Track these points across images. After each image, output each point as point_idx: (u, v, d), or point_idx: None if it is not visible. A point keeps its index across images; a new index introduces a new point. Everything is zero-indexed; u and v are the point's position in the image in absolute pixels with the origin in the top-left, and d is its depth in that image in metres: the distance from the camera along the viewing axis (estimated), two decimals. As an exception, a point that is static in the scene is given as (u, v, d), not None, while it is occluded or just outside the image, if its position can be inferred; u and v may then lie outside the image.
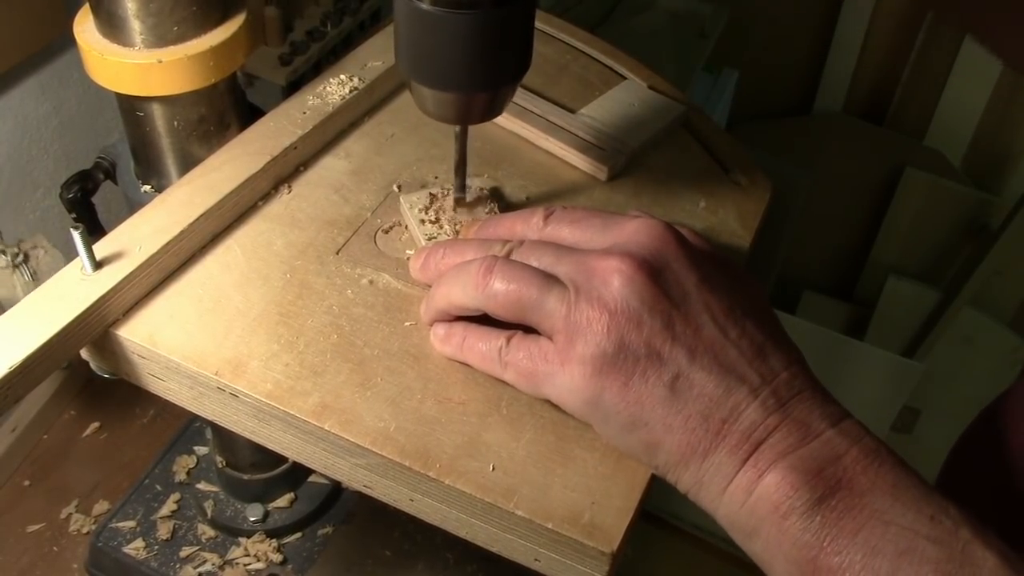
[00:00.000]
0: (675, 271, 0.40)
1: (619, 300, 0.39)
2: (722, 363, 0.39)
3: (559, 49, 0.68)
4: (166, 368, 0.45)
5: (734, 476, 0.39)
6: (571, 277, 0.41)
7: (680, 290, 0.40)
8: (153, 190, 0.54)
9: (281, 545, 0.75)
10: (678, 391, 0.39)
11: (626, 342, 0.39)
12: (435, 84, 0.44)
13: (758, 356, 0.40)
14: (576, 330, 0.39)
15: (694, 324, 0.40)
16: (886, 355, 1.44)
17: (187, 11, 0.48)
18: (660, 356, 0.39)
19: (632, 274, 0.39)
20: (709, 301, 0.40)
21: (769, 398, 0.39)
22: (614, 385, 0.39)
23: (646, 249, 0.41)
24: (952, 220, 1.72)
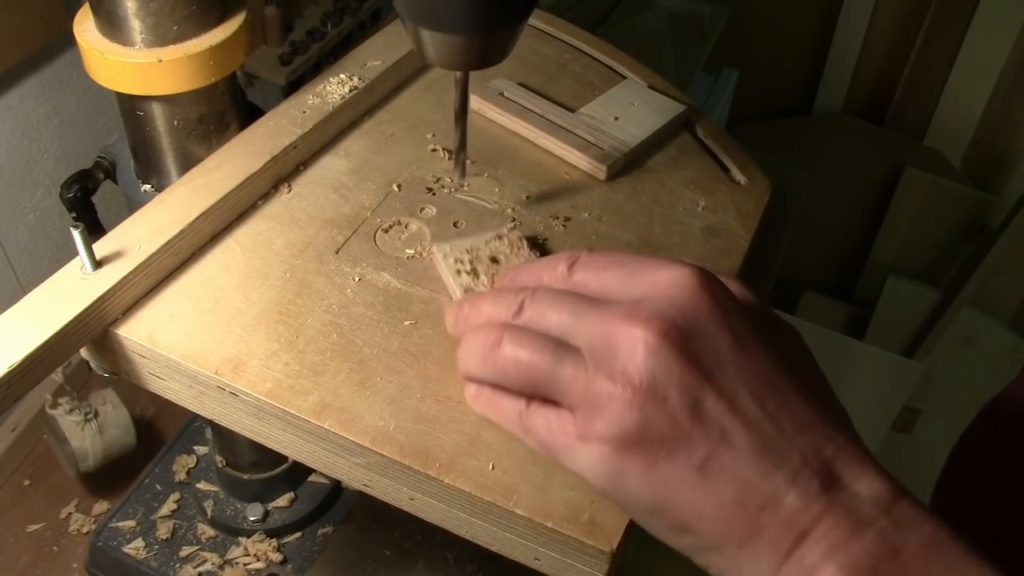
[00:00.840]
0: (708, 334, 0.35)
1: (643, 374, 0.34)
2: (759, 442, 0.34)
3: (559, 49, 0.68)
4: (166, 367, 0.45)
5: (777, 571, 0.34)
6: (590, 343, 0.36)
7: (713, 357, 0.35)
8: (153, 189, 0.54)
9: (281, 545, 0.75)
10: (709, 474, 0.34)
11: (650, 421, 0.34)
12: (435, 25, 0.43)
13: (799, 430, 0.35)
14: (595, 406, 0.35)
15: (728, 398, 0.35)
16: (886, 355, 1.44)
17: (187, 10, 0.48)
18: (689, 436, 0.34)
19: (658, 343, 0.34)
20: (746, 368, 0.35)
21: (812, 481, 0.34)
22: (637, 467, 0.35)
23: (676, 308, 0.35)
24: (952, 220, 1.72)
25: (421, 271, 0.50)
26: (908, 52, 1.73)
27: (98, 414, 0.79)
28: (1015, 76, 1.66)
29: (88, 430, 0.78)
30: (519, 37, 0.46)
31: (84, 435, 0.78)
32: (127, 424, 0.80)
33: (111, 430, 0.79)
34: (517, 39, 0.46)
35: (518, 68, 0.65)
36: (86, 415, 0.78)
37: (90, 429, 0.78)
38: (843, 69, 1.79)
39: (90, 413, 0.79)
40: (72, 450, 0.78)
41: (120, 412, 0.80)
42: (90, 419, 0.79)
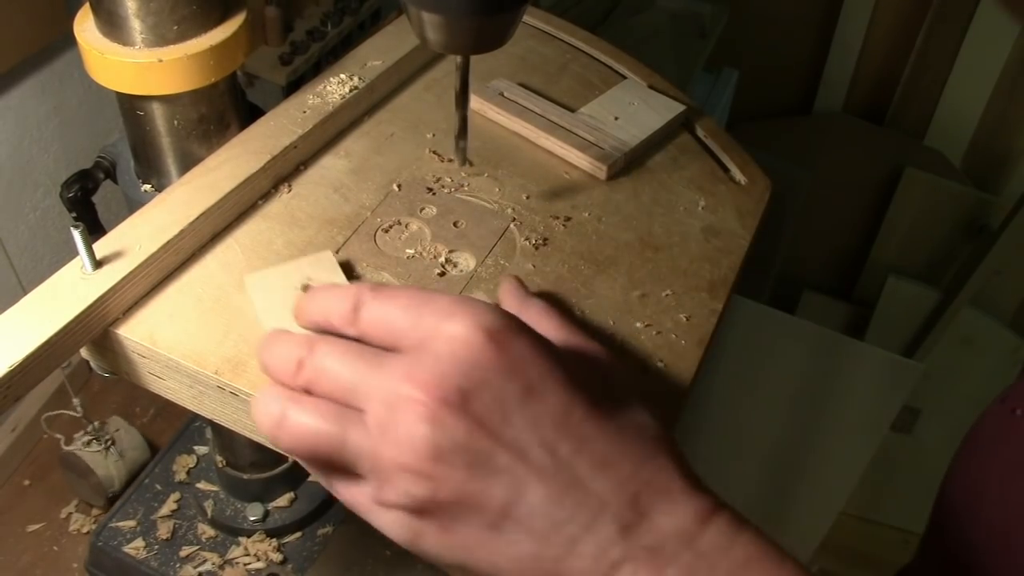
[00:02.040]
0: (492, 388, 0.34)
1: (426, 443, 0.33)
2: (551, 492, 0.33)
3: (559, 49, 0.68)
4: (166, 367, 0.45)
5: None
6: (373, 407, 0.34)
7: (500, 412, 0.34)
8: (153, 189, 0.54)
9: (281, 544, 0.75)
10: (503, 532, 0.34)
11: (438, 488, 0.33)
12: (436, 8, 0.42)
13: (596, 471, 0.34)
14: (383, 478, 0.34)
15: (517, 451, 0.33)
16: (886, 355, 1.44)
17: (187, 10, 0.48)
18: (479, 498, 0.33)
19: (438, 410, 0.33)
20: (537, 416, 0.34)
21: (609, 525, 0.33)
22: (432, 531, 0.35)
23: (456, 367, 0.34)
24: (952, 220, 1.72)
25: (421, 271, 0.50)
26: (908, 52, 1.73)
27: (115, 440, 0.81)
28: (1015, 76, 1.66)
29: (110, 457, 0.80)
30: (519, 21, 0.46)
31: (108, 463, 0.80)
32: (141, 444, 0.83)
33: (130, 452, 0.82)
34: (518, 23, 0.46)
35: (518, 68, 0.65)
36: (106, 443, 0.80)
37: (112, 456, 0.80)
38: (843, 69, 1.80)
39: (109, 440, 0.81)
40: (99, 480, 0.79)
41: (132, 434, 0.82)
42: (110, 446, 0.80)
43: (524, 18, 0.66)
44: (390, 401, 0.34)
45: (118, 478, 0.80)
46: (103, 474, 0.79)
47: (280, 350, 0.37)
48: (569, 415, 0.34)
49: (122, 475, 0.81)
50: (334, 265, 0.48)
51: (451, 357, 0.34)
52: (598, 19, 1.48)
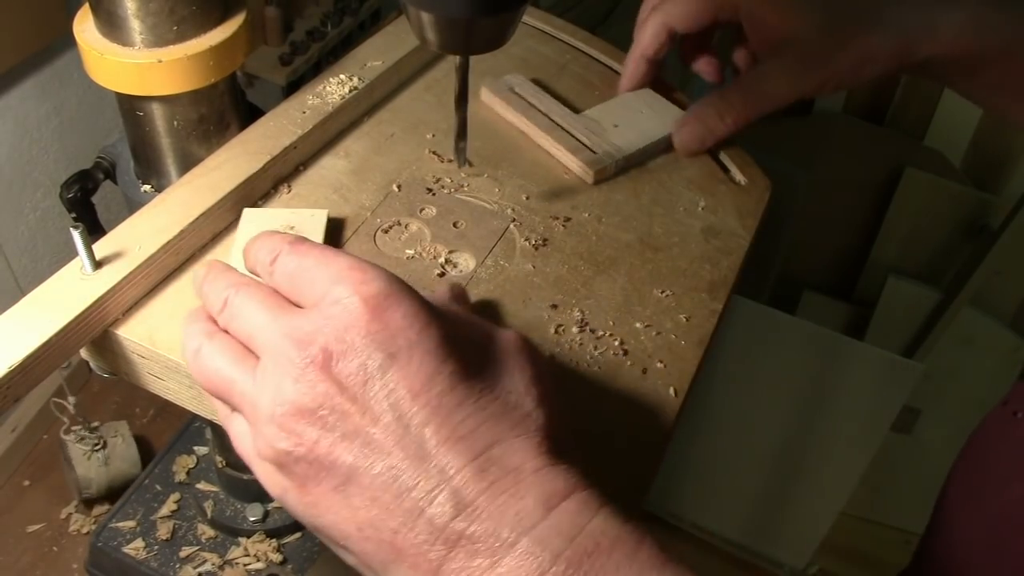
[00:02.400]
0: (359, 352, 0.34)
1: (290, 397, 0.34)
2: (397, 462, 0.33)
3: (559, 49, 0.68)
4: (166, 368, 0.45)
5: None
6: (262, 358, 0.36)
7: (361, 377, 0.34)
8: (153, 190, 0.54)
9: (281, 545, 0.75)
10: (349, 497, 0.34)
11: (297, 445, 0.34)
12: (435, 8, 0.43)
13: (448, 443, 0.33)
14: (256, 426, 0.36)
15: (371, 416, 0.34)
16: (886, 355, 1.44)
17: (187, 11, 0.48)
18: (331, 459, 0.34)
19: (305, 367, 0.34)
20: (395, 384, 0.34)
21: (448, 502, 0.33)
22: (293, 487, 0.36)
23: (330, 329, 0.35)
24: (952, 220, 1.72)
25: (421, 271, 0.50)
26: (908, 52, 1.73)
27: (107, 445, 0.80)
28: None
29: (94, 460, 0.80)
30: (519, 21, 0.46)
31: (90, 464, 0.80)
32: (134, 459, 0.82)
33: (117, 463, 0.81)
34: (518, 23, 0.46)
35: (518, 68, 0.65)
36: (94, 446, 0.80)
37: (96, 459, 0.80)
38: (843, 69, 1.79)
39: (98, 444, 0.80)
40: (76, 477, 0.79)
41: (129, 448, 0.82)
42: (98, 450, 0.80)
43: (524, 18, 0.66)
44: (272, 353, 0.36)
45: (96, 483, 0.80)
46: (81, 474, 0.79)
47: (215, 285, 0.40)
48: (429, 386, 0.34)
49: (102, 482, 0.80)
50: (320, 224, 0.49)
51: (328, 319, 0.35)
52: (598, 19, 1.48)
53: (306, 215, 0.50)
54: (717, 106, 0.58)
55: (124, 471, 0.81)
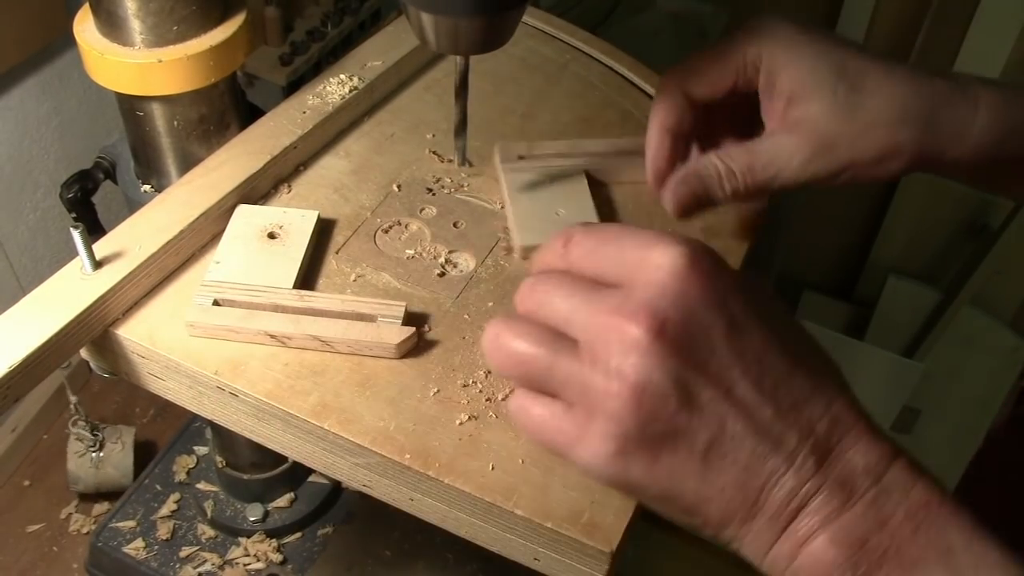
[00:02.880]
0: (700, 320, 0.35)
1: (639, 372, 0.34)
2: (756, 425, 0.35)
3: (559, 49, 0.68)
4: (165, 367, 0.45)
5: (774, 542, 0.36)
6: (585, 338, 0.36)
7: (707, 345, 0.35)
8: (153, 190, 0.54)
9: (281, 545, 0.75)
10: (710, 462, 0.35)
11: (649, 418, 0.35)
12: (435, 8, 0.43)
13: (794, 408, 0.36)
14: (594, 406, 0.35)
15: (724, 385, 0.35)
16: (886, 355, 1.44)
17: (187, 11, 0.48)
18: (688, 428, 0.35)
19: (650, 341, 0.34)
20: (740, 350, 0.35)
21: (808, 458, 0.35)
22: (640, 463, 0.35)
23: (667, 299, 0.35)
24: (952, 220, 1.72)
25: (421, 271, 0.50)
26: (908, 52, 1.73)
27: (103, 448, 0.80)
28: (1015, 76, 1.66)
29: (86, 459, 0.79)
30: (519, 21, 0.46)
31: (81, 462, 0.79)
32: (127, 470, 0.81)
33: (109, 469, 0.80)
34: (517, 23, 0.46)
35: (518, 68, 0.65)
36: (89, 446, 0.79)
37: (88, 459, 0.79)
38: (843, 69, 1.79)
39: (94, 446, 0.79)
40: (68, 471, 0.79)
41: (125, 458, 0.81)
42: (92, 450, 0.79)
43: (524, 18, 0.66)
44: (602, 332, 0.35)
45: (84, 481, 0.80)
46: (71, 469, 0.79)
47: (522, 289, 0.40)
48: (768, 352, 0.36)
49: (89, 482, 0.80)
50: (309, 225, 0.50)
51: (659, 288, 0.35)
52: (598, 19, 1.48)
53: (296, 215, 0.50)
54: (721, 170, 0.50)
55: (114, 478, 0.80)
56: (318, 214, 0.50)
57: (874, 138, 0.48)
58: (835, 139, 0.49)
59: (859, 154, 0.49)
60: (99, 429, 0.80)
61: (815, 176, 0.50)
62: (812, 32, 0.50)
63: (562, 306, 0.37)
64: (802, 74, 0.49)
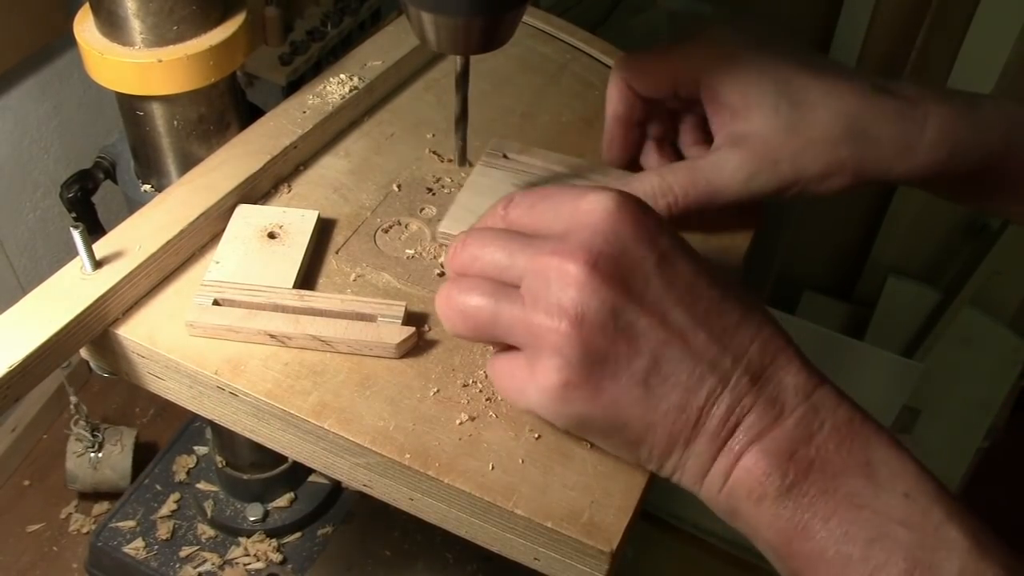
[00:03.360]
0: (632, 255, 0.37)
1: (577, 305, 0.36)
2: (692, 349, 0.37)
3: (559, 49, 0.68)
4: (165, 367, 0.45)
5: (712, 462, 0.38)
6: (526, 282, 0.38)
7: (641, 277, 0.37)
8: (153, 189, 0.54)
9: (281, 545, 0.75)
10: (652, 387, 0.37)
11: (591, 349, 0.36)
12: (435, 8, 0.43)
13: (726, 332, 0.38)
14: (538, 343, 0.37)
15: (659, 313, 0.37)
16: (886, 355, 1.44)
17: (187, 11, 0.48)
18: (627, 355, 0.37)
19: (587, 275, 0.36)
20: (672, 280, 0.38)
21: (742, 378, 0.38)
22: (585, 394, 0.37)
23: (600, 236, 0.37)
24: (952, 220, 1.72)
25: (421, 271, 0.50)
26: (908, 52, 1.73)
27: (102, 448, 0.80)
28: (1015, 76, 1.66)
29: (84, 459, 0.79)
30: (519, 21, 0.46)
31: (79, 462, 0.79)
32: (125, 472, 0.81)
33: (106, 471, 0.80)
34: (518, 23, 0.46)
35: (518, 68, 0.65)
36: (87, 447, 0.79)
37: (86, 459, 0.79)
38: (843, 69, 1.79)
39: (92, 446, 0.79)
40: (66, 469, 0.79)
41: (124, 460, 0.81)
42: (91, 450, 0.79)
43: (524, 18, 0.66)
44: (540, 272, 0.37)
45: (81, 480, 0.80)
46: (70, 468, 0.79)
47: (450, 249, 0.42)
48: (697, 282, 0.38)
49: (87, 483, 0.80)
50: (310, 225, 0.50)
51: (592, 229, 0.37)
52: (598, 19, 1.48)
53: (296, 215, 0.50)
54: (656, 185, 0.51)
55: (112, 480, 0.80)
56: (318, 214, 0.50)
57: (815, 154, 0.49)
58: (778, 155, 0.49)
59: (802, 170, 0.49)
60: (99, 430, 0.80)
61: (759, 192, 0.50)
62: (758, 46, 0.50)
63: (498, 255, 0.39)
64: (744, 89, 0.50)
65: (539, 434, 0.43)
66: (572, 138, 0.60)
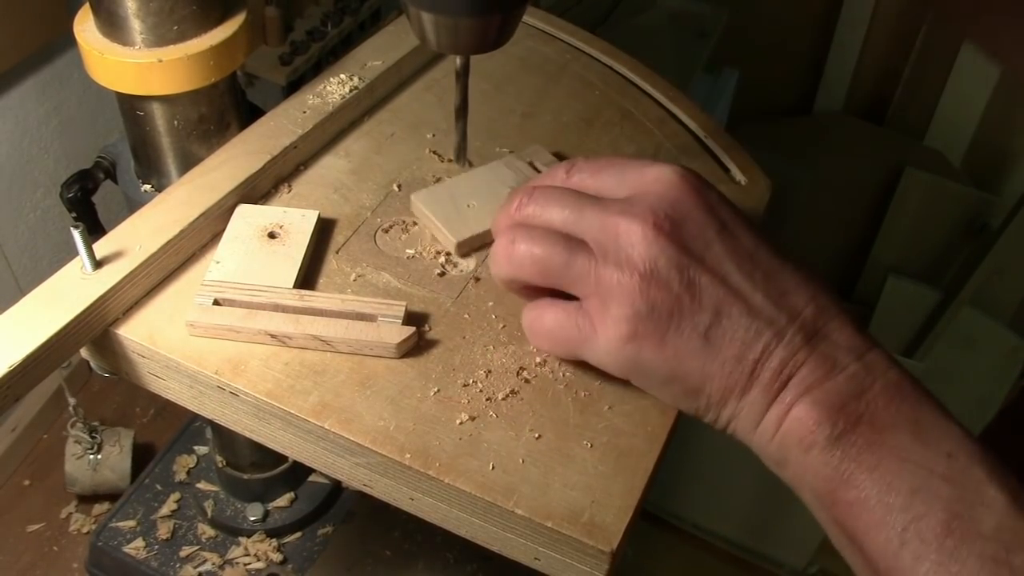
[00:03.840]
0: (695, 221, 0.41)
1: (646, 261, 0.39)
2: (750, 308, 0.40)
3: (559, 49, 0.68)
4: (166, 367, 0.45)
5: (766, 411, 0.40)
6: (595, 237, 0.41)
7: (703, 240, 0.40)
8: (153, 189, 0.54)
9: (281, 545, 0.75)
10: (712, 340, 0.40)
11: (657, 302, 0.39)
12: (435, 7, 0.43)
13: (782, 296, 0.40)
14: (608, 294, 0.40)
15: (720, 273, 0.40)
16: (886, 355, 1.44)
17: (187, 10, 0.48)
18: (691, 310, 0.40)
19: (655, 233, 0.39)
20: (732, 247, 0.41)
21: (796, 335, 0.40)
22: (650, 344, 0.40)
23: (666, 201, 0.40)
24: (952, 220, 1.72)
25: (421, 271, 0.50)
26: (908, 52, 1.73)
27: (101, 449, 0.80)
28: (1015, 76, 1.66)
29: (83, 462, 0.79)
30: (519, 21, 0.46)
31: (78, 464, 0.79)
32: (124, 473, 0.81)
33: (106, 472, 0.80)
34: (518, 23, 0.46)
35: (518, 68, 0.65)
36: (86, 449, 0.79)
37: (85, 461, 0.79)
38: (843, 69, 1.79)
39: (91, 448, 0.79)
40: (65, 472, 0.79)
41: (123, 461, 0.81)
42: (90, 452, 0.79)
43: (524, 18, 0.66)
44: (611, 229, 0.40)
45: (81, 483, 0.80)
46: (69, 471, 0.79)
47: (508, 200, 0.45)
48: (757, 251, 0.41)
49: (86, 483, 0.80)
50: (310, 224, 0.50)
51: (658, 195, 0.41)
52: (598, 19, 1.48)
53: (296, 215, 0.50)
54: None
55: (111, 481, 0.80)
56: (318, 214, 0.50)
57: None
58: None
59: None
60: (97, 431, 0.80)
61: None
62: None
63: (567, 211, 0.42)
64: None
65: (539, 434, 0.43)
66: (572, 138, 0.60)
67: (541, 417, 0.43)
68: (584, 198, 0.43)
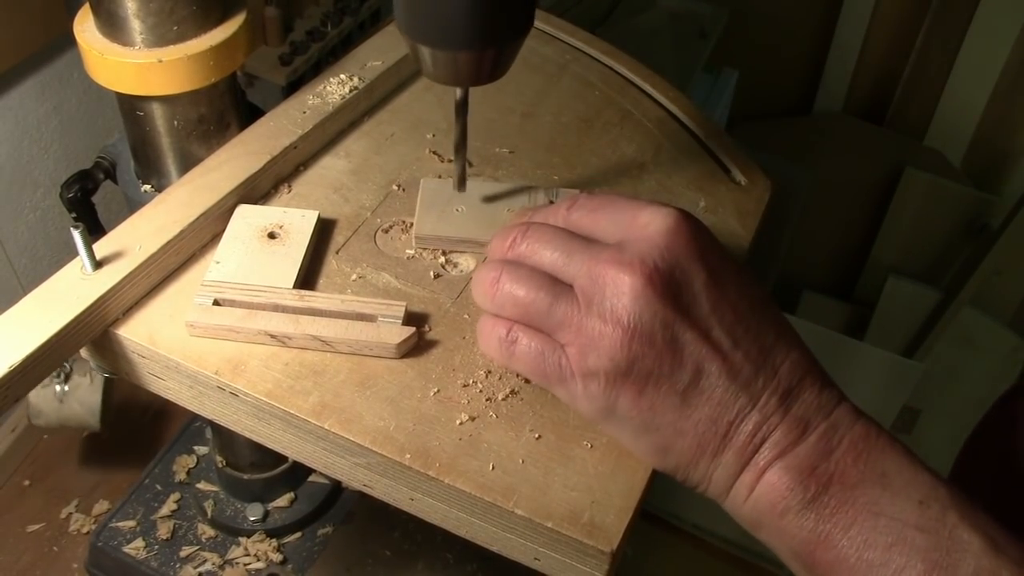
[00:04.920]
0: (685, 272, 0.40)
1: (631, 315, 0.39)
2: (730, 367, 0.40)
3: (559, 49, 0.68)
4: (166, 367, 0.45)
5: (738, 476, 0.40)
6: (581, 284, 0.40)
7: (690, 294, 0.40)
8: (153, 189, 0.54)
9: (281, 545, 0.75)
10: (688, 398, 0.40)
11: (639, 357, 0.39)
12: (433, 42, 0.43)
13: (761, 354, 0.40)
14: (589, 344, 0.40)
15: (703, 330, 0.40)
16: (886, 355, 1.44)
17: (187, 11, 0.48)
18: (671, 367, 0.39)
19: (642, 287, 0.39)
20: (718, 302, 0.40)
21: (772, 397, 0.40)
22: (627, 395, 0.40)
23: (656, 251, 0.40)
24: (952, 220, 1.72)
25: (421, 271, 0.50)
26: (908, 52, 1.73)
27: (68, 379, 0.74)
28: (1015, 76, 1.66)
29: (49, 391, 0.73)
30: (518, 52, 0.46)
31: (44, 394, 0.73)
32: (93, 408, 0.75)
33: (74, 405, 0.74)
34: (516, 55, 0.46)
35: (518, 68, 0.65)
36: (53, 376, 0.73)
37: (51, 392, 0.73)
38: (843, 69, 1.79)
39: (59, 376, 0.73)
40: (28, 401, 0.74)
41: (92, 394, 0.75)
42: (57, 382, 0.73)
43: (524, 18, 0.66)
44: (598, 278, 0.40)
45: (46, 416, 0.73)
46: (33, 400, 0.73)
47: (502, 233, 0.45)
48: (740, 304, 0.41)
49: (52, 419, 0.73)
50: (310, 225, 0.50)
51: (649, 243, 0.40)
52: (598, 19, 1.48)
53: (296, 215, 0.50)
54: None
55: (79, 416, 0.74)
56: (318, 214, 0.50)
57: None
58: None
59: None
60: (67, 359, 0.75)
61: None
62: None
63: (557, 255, 0.42)
64: None
65: (539, 434, 0.43)
66: (572, 138, 0.60)
67: (541, 417, 0.43)
68: (576, 241, 0.42)
